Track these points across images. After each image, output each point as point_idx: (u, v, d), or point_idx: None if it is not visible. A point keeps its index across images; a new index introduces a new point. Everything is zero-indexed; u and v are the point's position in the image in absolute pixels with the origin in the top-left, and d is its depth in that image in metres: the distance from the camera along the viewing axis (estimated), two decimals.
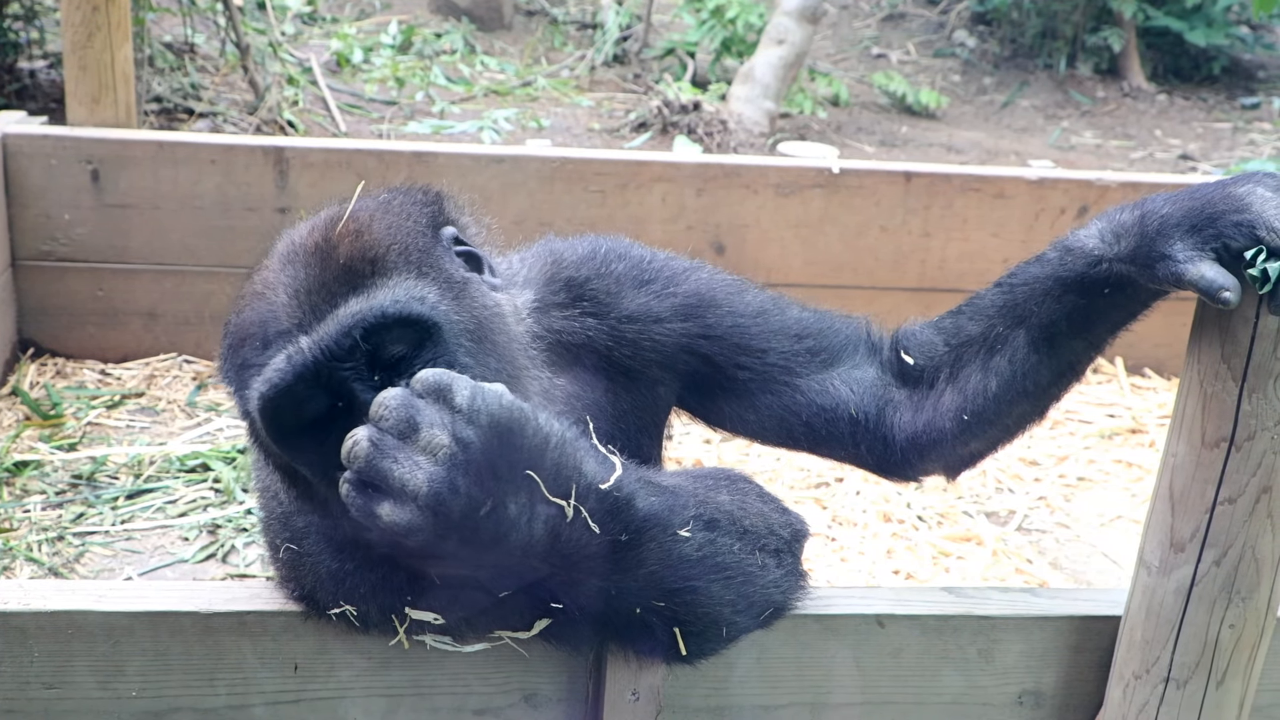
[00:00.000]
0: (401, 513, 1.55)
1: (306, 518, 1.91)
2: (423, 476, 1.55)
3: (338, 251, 1.78)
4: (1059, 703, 2.20)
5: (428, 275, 1.81)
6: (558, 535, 1.64)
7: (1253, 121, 9.98)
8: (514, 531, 1.61)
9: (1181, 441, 1.91)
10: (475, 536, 1.59)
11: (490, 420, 1.58)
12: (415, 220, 1.88)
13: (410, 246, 1.82)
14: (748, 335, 2.18)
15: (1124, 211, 1.89)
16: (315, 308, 1.74)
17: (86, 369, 4.55)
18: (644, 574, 1.77)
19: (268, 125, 6.80)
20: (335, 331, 1.73)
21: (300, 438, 1.76)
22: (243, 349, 1.78)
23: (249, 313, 1.79)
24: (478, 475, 1.57)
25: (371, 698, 2.05)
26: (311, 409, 1.75)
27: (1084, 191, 4.87)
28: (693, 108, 7.96)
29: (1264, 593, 1.95)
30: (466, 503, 1.56)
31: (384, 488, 1.56)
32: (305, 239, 1.81)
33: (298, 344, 1.73)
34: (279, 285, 1.78)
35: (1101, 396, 4.84)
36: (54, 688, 1.99)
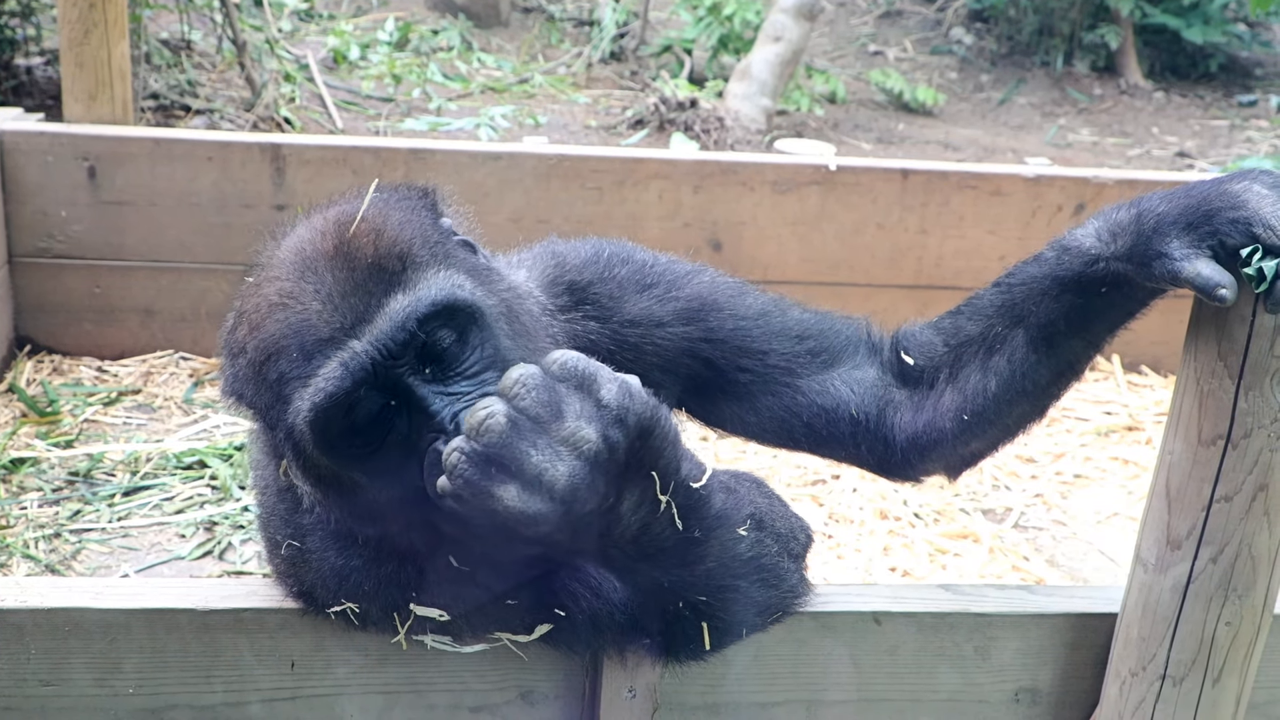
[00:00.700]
0: (530, 501, 1.52)
1: (311, 515, 1.91)
2: (564, 470, 1.52)
3: (362, 252, 1.73)
4: (1055, 700, 2.20)
5: (453, 265, 1.80)
6: (647, 528, 1.66)
7: (1249, 119, 9.98)
8: (618, 525, 1.63)
9: (1178, 439, 1.91)
10: (588, 529, 1.60)
11: (637, 421, 1.56)
12: (422, 215, 1.87)
13: (429, 239, 1.81)
14: (749, 338, 2.19)
15: (1120, 210, 1.89)
16: (356, 310, 1.70)
17: (83, 366, 4.54)
18: (701, 570, 1.79)
19: (264, 122, 6.80)
20: (390, 328, 1.69)
21: (352, 446, 1.73)
22: (275, 363, 1.72)
23: (273, 325, 1.72)
24: (616, 473, 1.56)
25: (368, 695, 2.06)
26: (362, 413, 1.71)
27: (1081, 189, 4.87)
28: (690, 105, 7.95)
29: (1260, 590, 1.96)
30: (600, 500, 1.56)
31: (513, 470, 1.51)
32: (319, 244, 1.76)
33: (350, 348, 1.68)
34: (304, 294, 1.71)
35: (1098, 394, 4.84)
36: (51, 685, 1.99)
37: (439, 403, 1.70)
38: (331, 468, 1.76)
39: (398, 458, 1.72)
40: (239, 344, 1.77)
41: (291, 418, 1.71)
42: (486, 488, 1.52)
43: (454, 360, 1.74)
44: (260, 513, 2.09)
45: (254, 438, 2.11)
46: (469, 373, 1.74)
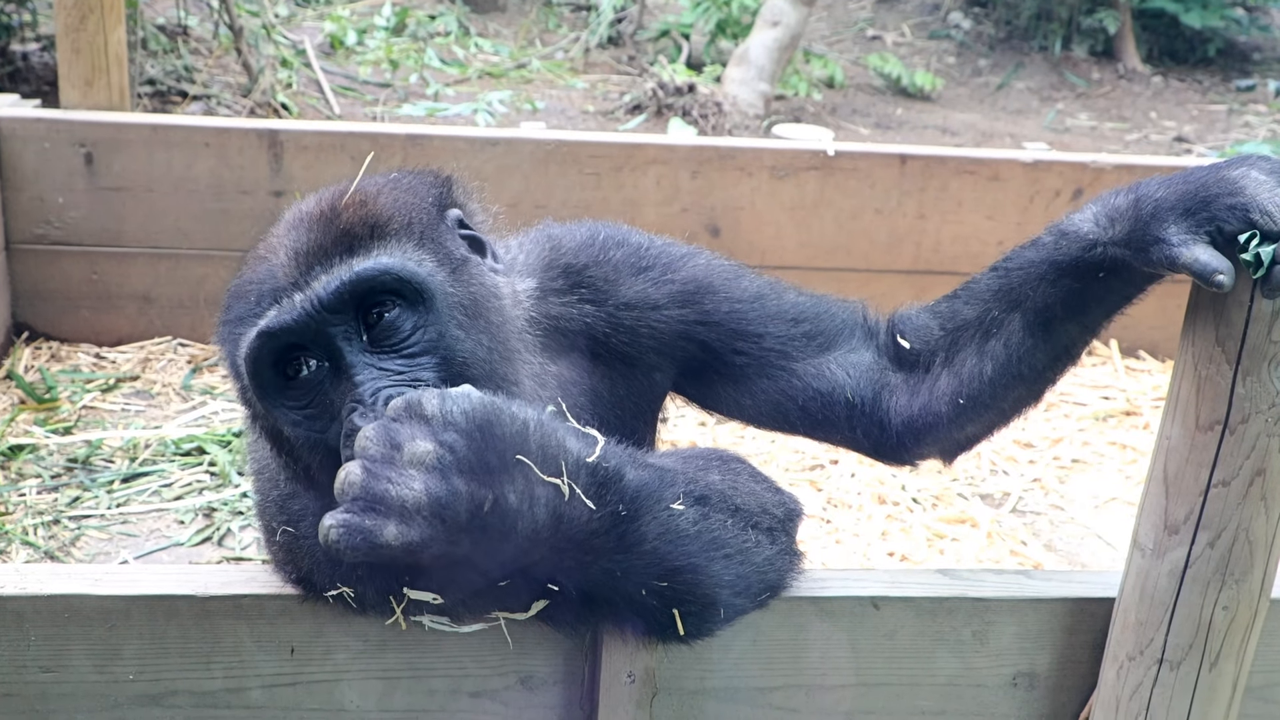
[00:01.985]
0: (409, 530, 1.54)
1: (303, 500, 1.91)
2: (419, 486, 1.55)
3: (341, 218, 1.81)
4: (1053, 684, 2.21)
5: (426, 247, 1.83)
6: (560, 516, 1.65)
7: (1248, 103, 9.97)
8: (519, 520, 1.61)
9: (1176, 424, 1.91)
10: (485, 534, 1.60)
11: (466, 417, 1.58)
12: (421, 198, 1.90)
13: (414, 220, 1.85)
14: (745, 321, 2.19)
15: (1118, 195, 1.89)
16: (311, 267, 1.78)
17: (81, 353, 4.54)
18: (646, 550, 1.77)
19: (261, 108, 6.79)
20: (326, 282, 1.76)
21: (284, 395, 1.79)
22: (238, 305, 1.82)
23: (248, 273, 1.83)
24: (471, 472, 1.57)
25: (368, 680, 2.06)
26: (297, 367, 1.78)
27: (1079, 174, 4.87)
28: (687, 90, 7.94)
29: (1257, 575, 1.96)
30: (469, 502, 1.57)
31: (384, 510, 1.54)
32: (312, 208, 1.85)
33: (291, 298, 1.76)
34: (280, 248, 1.81)
35: (1096, 379, 4.85)
36: (51, 671, 1.99)
37: (366, 373, 1.75)
38: (268, 419, 1.83)
39: (322, 420, 1.78)
40: (225, 295, 1.89)
41: (239, 357, 1.80)
42: (373, 539, 1.54)
43: (393, 335, 1.78)
44: (258, 499, 2.10)
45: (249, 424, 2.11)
46: (406, 351, 1.78)
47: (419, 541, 1.55)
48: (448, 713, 2.10)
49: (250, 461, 2.13)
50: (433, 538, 1.55)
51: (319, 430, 1.78)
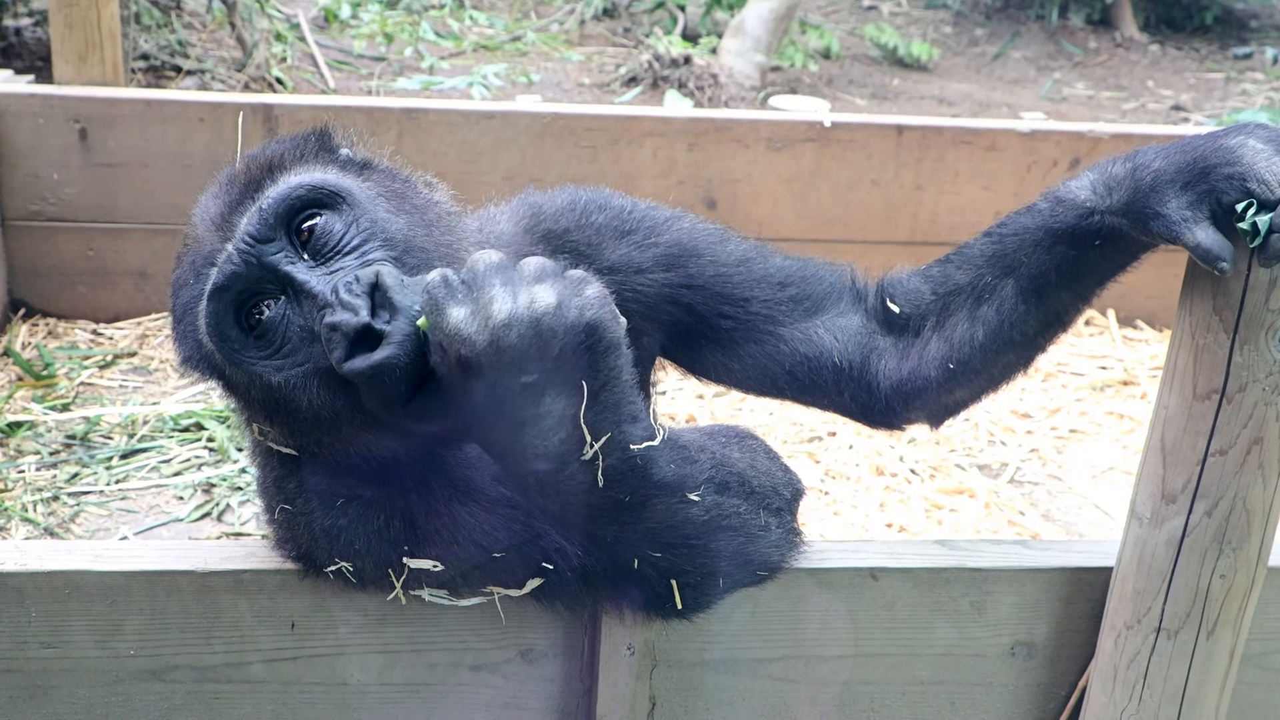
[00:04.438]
0: (468, 323, 1.56)
1: (298, 478, 1.91)
2: (508, 309, 1.56)
3: (239, 178, 1.86)
4: (1051, 654, 2.22)
5: (325, 164, 1.89)
6: (565, 463, 1.63)
7: (1245, 72, 9.94)
8: (533, 426, 1.60)
9: (1173, 394, 1.92)
10: (502, 400, 1.58)
11: (592, 319, 1.59)
12: (304, 141, 1.94)
13: (304, 153, 1.90)
14: (730, 284, 2.18)
15: (1116, 164, 1.88)
16: (230, 221, 1.81)
17: (78, 329, 4.54)
18: (642, 529, 1.77)
19: (256, 82, 6.76)
20: (249, 219, 1.79)
21: (256, 349, 1.79)
22: (181, 296, 1.85)
23: (178, 270, 1.87)
24: (543, 344, 1.56)
25: (368, 654, 2.07)
26: (258, 314, 1.79)
27: (1076, 144, 4.86)
28: (683, 62, 7.91)
29: (1254, 543, 1.97)
30: (521, 353, 1.56)
31: (472, 296, 1.58)
32: (210, 190, 1.90)
33: (224, 250, 1.79)
34: (196, 229, 1.86)
35: (1093, 348, 4.85)
36: (52, 647, 2.00)
37: (320, 282, 1.76)
38: (251, 383, 1.81)
39: (303, 350, 1.78)
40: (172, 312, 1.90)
41: (203, 339, 1.81)
42: (444, 304, 1.58)
43: (328, 239, 1.80)
44: (257, 481, 2.10)
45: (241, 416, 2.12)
46: (348, 248, 1.80)
47: (463, 336, 1.56)
48: (448, 686, 2.11)
49: (248, 441, 2.13)
50: (474, 343, 1.56)
51: (302, 362, 1.77)
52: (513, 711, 2.14)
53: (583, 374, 1.60)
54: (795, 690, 2.18)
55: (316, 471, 1.89)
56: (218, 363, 1.83)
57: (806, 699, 2.19)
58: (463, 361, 1.58)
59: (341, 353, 1.67)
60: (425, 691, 2.10)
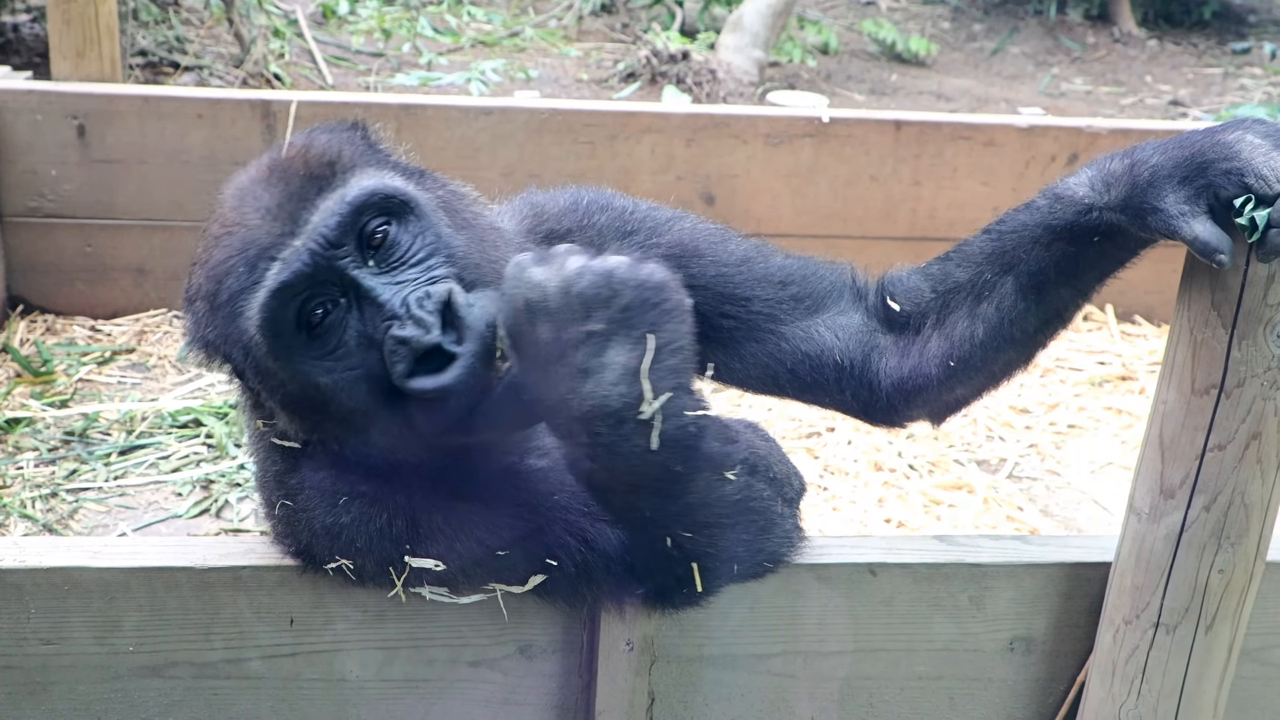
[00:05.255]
0: (544, 273, 1.59)
1: (300, 474, 1.91)
2: (581, 262, 1.59)
3: (294, 168, 1.81)
4: (1050, 649, 2.22)
5: (384, 167, 1.87)
6: (623, 421, 1.60)
7: (1243, 66, 9.94)
8: (595, 376, 1.58)
9: (1172, 388, 1.92)
10: (567, 348, 1.58)
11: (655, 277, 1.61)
12: (350, 135, 1.92)
13: (360, 152, 1.87)
14: (732, 284, 2.18)
15: (1114, 160, 1.88)
16: (293, 214, 1.77)
17: (76, 325, 4.54)
18: (682, 504, 1.77)
19: (254, 78, 6.75)
20: (322, 219, 1.75)
21: (309, 349, 1.77)
22: (225, 285, 1.78)
23: (219, 253, 1.79)
24: (613, 293, 1.58)
25: (367, 650, 2.07)
26: (314, 313, 1.76)
27: (1074, 139, 4.86)
28: (681, 57, 7.90)
29: (1253, 538, 1.97)
30: (590, 299, 1.57)
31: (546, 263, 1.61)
32: (253, 174, 1.84)
33: (290, 246, 1.75)
34: (244, 216, 1.79)
35: (1092, 344, 4.85)
36: (51, 643, 2.00)
37: (387, 291, 1.76)
38: (295, 380, 1.79)
39: (358, 355, 1.77)
40: (193, 290, 1.83)
41: (248, 331, 1.76)
42: (526, 265, 1.61)
43: (395, 249, 1.79)
44: (256, 474, 2.10)
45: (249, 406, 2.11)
46: (413, 260, 1.79)
47: (538, 283, 1.59)
48: (446, 682, 2.11)
49: (249, 437, 2.13)
50: (544, 288, 1.58)
51: (354, 366, 1.77)
52: (511, 707, 2.14)
53: (648, 330, 1.59)
54: (794, 685, 2.18)
55: (320, 468, 1.89)
56: (251, 353, 1.79)
57: (805, 694, 2.19)
58: (531, 306, 1.59)
59: (405, 367, 1.71)
60: (424, 687, 2.11)
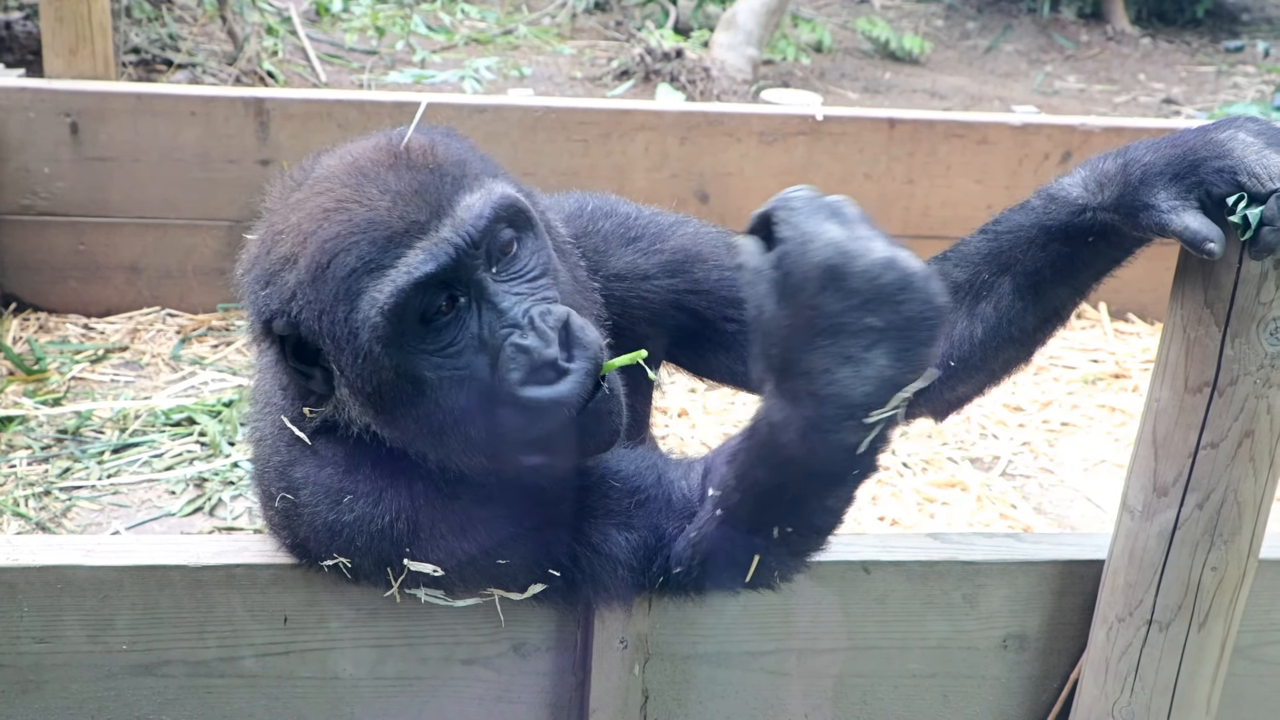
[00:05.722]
0: (844, 239, 1.52)
1: (305, 468, 1.91)
2: (886, 249, 1.52)
3: (421, 160, 1.78)
4: (1043, 646, 2.22)
5: (508, 182, 1.87)
6: (851, 415, 1.57)
7: (1236, 65, 9.95)
8: (853, 365, 1.54)
9: (1165, 386, 1.92)
10: (835, 325, 1.53)
11: (943, 300, 1.53)
12: (469, 144, 1.91)
13: (479, 159, 1.87)
14: (734, 288, 2.18)
15: (1107, 160, 1.89)
16: (430, 205, 1.74)
17: (69, 323, 4.53)
18: (833, 500, 1.79)
19: (247, 76, 6.74)
20: (471, 218, 1.75)
21: (424, 340, 1.76)
22: (343, 260, 1.72)
23: (334, 227, 1.73)
24: (903, 299, 1.51)
25: (361, 648, 2.07)
26: (434, 308, 1.76)
27: (1068, 137, 4.86)
28: (675, 55, 7.90)
29: (1246, 536, 1.97)
30: (879, 292, 1.50)
31: (841, 224, 1.54)
32: (373, 156, 1.79)
33: (433, 236, 1.73)
34: (366, 196, 1.74)
35: (1085, 342, 4.86)
36: (44, 642, 2.00)
37: (509, 299, 1.78)
38: (397, 370, 1.77)
39: (467, 355, 1.77)
40: (285, 257, 1.77)
41: (364, 311, 1.73)
42: (814, 225, 1.53)
43: (516, 261, 1.81)
44: (255, 466, 2.09)
45: (257, 390, 2.10)
46: (528, 276, 1.81)
47: (820, 243, 1.52)
48: (440, 680, 2.11)
49: (250, 428, 2.11)
50: (829, 250, 1.51)
51: (462, 367, 1.77)
52: (505, 705, 2.14)
53: (920, 347, 1.54)
54: (788, 683, 2.19)
55: (325, 464, 1.89)
56: (358, 334, 1.75)
57: (799, 692, 2.19)
58: (828, 269, 1.52)
59: (521, 375, 1.74)
60: (418, 686, 2.11)
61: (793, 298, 1.55)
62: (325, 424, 1.92)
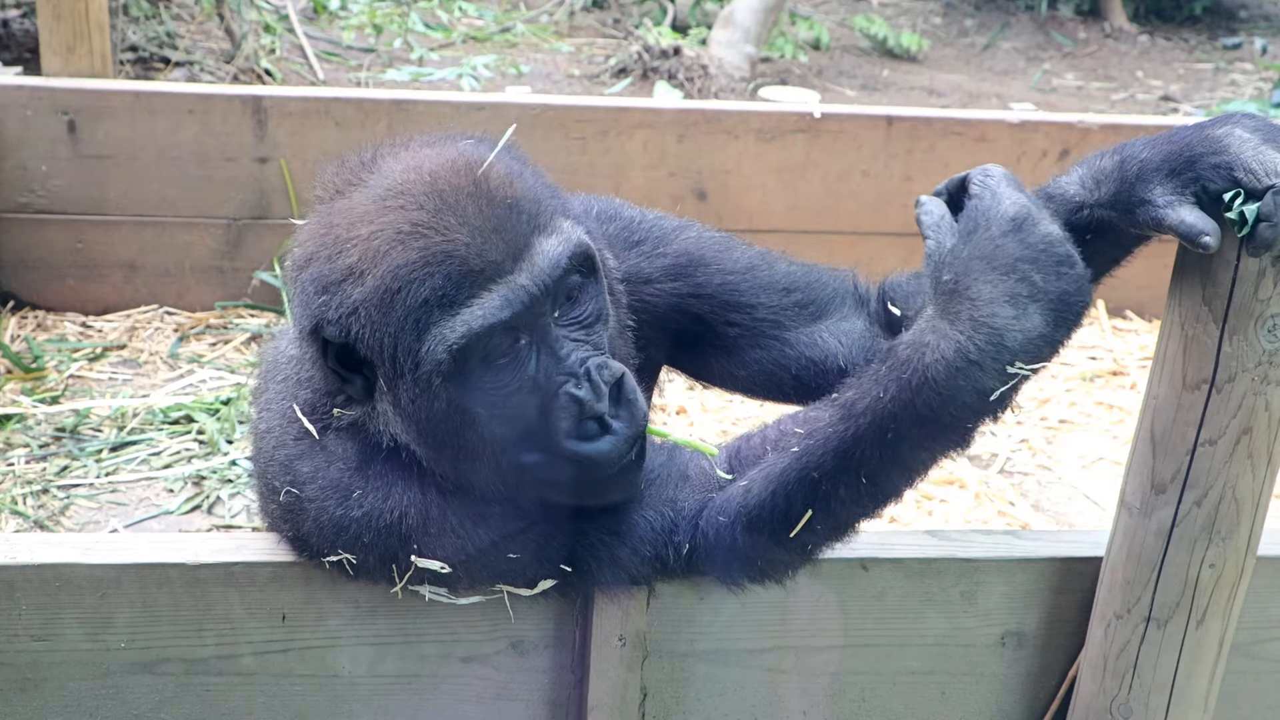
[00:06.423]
0: (1047, 223, 1.71)
1: (313, 462, 1.91)
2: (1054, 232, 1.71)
3: (499, 192, 1.77)
4: (1041, 643, 2.22)
5: (576, 219, 1.88)
6: (996, 359, 1.68)
7: (1234, 62, 9.95)
8: (1018, 309, 1.67)
9: (1163, 384, 1.92)
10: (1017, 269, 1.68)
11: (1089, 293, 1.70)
12: (538, 173, 1.90)
13: (551, 194, 1.87)
14: (737, 292, 2.20)
15: (1104, 157, 1.89)
16: (508, 246, 1.75)
17: (67, 321, 4.53)
18: (928, 453, 1.91)
19: (245, 74, 6.74)
20: (548, 266, 1.76)
21: (484, 377, 1.78)
22: (416, 290, 1.72)
23: (409, 253, 1.72)
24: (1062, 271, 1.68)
25: (359, 646, 2.07)
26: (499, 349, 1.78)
27: (1065, 134, 4.86)
28: (673, 53, 7.90)
29: (1244, 533, 1.97)
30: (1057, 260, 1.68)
31: None
32: (452, 179, 1.77)
33: (510, 282, 1.74)
34: (444, 225, 1.73)
35: (1083, 339, 4.85)
36: (43, 640, 2.00)
37: (568, 346, 1.81)
38: (450, 402, 1.78)
39: (519, 396, 1.80)
40: (350, 270, 1.75)
41: (430, 345, 1.74)
42: (1007, 188, 1.75)
43: (575, 306, 1.84)
44: (257, 459, 2.09)
45: (265, 384, 2.09)
46: (585, 321, 1.84)
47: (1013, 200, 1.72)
48: (439, 678, 2.11)
49: (259, 420, 2.09)
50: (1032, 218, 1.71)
51: (513, 406, 1.79)
52: (504, 703, 2.14)
53: (1065, 322, 1.70)
54: (786, 681, 2.19)
55: (334, 460, 1.89)
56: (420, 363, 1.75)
57: (797, 689, 2.19)
58: (1015, 218, 1.70)
59: (571, 425, 1.79)
60: (416, 683, 2.11)
61: (976, 234, 1.72)
62: (337, 420, 1.92)
